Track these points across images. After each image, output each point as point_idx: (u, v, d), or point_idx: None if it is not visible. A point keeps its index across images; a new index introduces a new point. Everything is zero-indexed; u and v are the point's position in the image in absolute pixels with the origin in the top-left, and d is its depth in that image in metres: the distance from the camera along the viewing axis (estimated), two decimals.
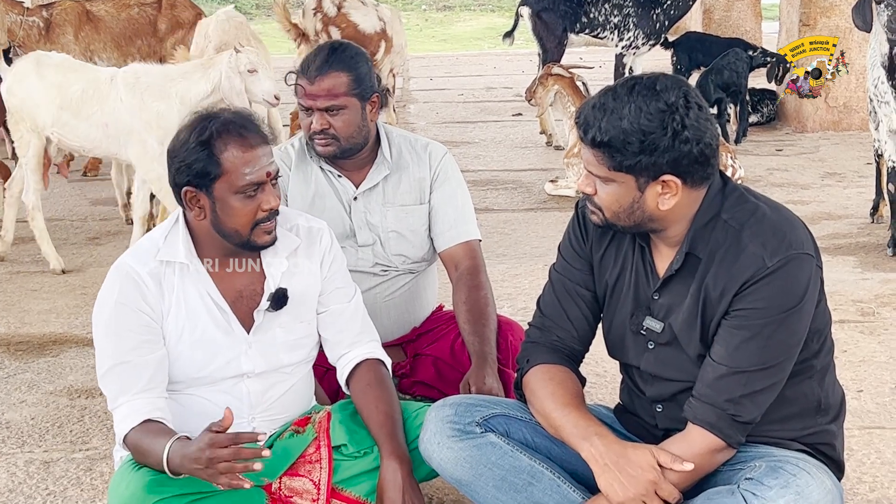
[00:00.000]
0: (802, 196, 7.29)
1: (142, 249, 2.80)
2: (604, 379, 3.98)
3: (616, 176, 2.48)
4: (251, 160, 2.68)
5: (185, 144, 2.70)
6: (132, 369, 2.70)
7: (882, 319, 4.73)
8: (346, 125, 3.31)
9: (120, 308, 2.72)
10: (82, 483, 3.34)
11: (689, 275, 2.54)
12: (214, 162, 2.66)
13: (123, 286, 2.73)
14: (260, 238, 2.75)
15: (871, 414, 3.71)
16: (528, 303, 4.84)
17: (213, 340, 2.78)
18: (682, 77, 2.54)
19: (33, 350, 4.60)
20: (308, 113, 3.32)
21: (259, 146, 2.70)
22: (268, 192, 2.72)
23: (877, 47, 5.62)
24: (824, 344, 2.63)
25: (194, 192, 2.71)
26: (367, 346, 2.98)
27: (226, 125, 2.69)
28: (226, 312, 2.79)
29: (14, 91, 5.66)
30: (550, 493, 2.65)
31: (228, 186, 2.68)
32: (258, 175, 2.68)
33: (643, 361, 2.66)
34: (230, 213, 2.71)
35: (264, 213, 2.72)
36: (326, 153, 3.35)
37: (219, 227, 2.73)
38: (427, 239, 3.52)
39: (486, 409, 2.76)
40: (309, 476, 2.83)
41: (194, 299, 2.77)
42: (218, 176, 2.67)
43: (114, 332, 2.72)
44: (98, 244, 6.43)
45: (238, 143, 2.68)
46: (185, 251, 2.76)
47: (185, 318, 2.76)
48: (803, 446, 2.61)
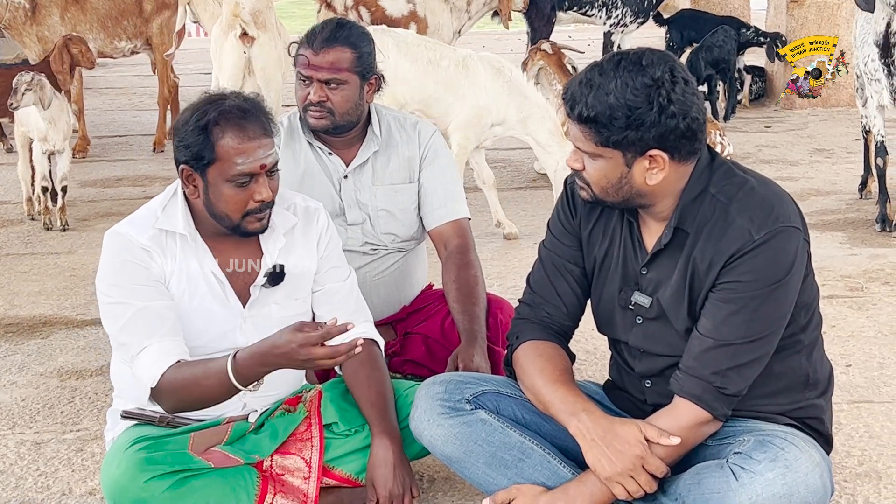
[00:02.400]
0: (791, 172, 7.30)
1: (139, 217, 2.80)
2: (593, 356, 3.99)
3: (603, 151, 2.48)
4: (245, 151, 2.67)
5: (185, 124, 2.70)
6: (154, 314, 2.69)
7: (870, 294, 4.74)
8: (344, 101, 3.31)
9: (129, 265, 2.71)
10: (73, 464, 3.34)
11: (676, 249, 2.55)
12: (209, 147, 2.66)
13: (128, 247, 2.72)
14: (250, 225, 2.75)
15: (859, 388, 3.73)
16: (518, 281, 4.83)
17: (209, 311, 2.78)
18: (669, 52, 2.53)
19: (23, 332, 4.59)
20: (306, 83, 3.31)
21: (257, 138, 2.69)
22: (261, 184, 2.70)
23: (866, 25, 5.62)
24: (812, 318, 2.64)
25: (190, 171, 2.72)
26: (360, 326, 2.98)
27: (226, 113, 2.68)
28: (223, 284, 2.80)
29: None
30: (540, 468, 2.66)
31: (220, 173, 2.68)
32: (251, 166, 2.68)
33: (631, 336, 2.67)
34: (221, 198, 2.71)
35: (255, 204, 2.71)
36: (319, 126, 3.34)
37: (210, 209, 2.74)
38: (416, 218, 3.53)
39: (476, 386, 2.77)
40: (300, 454, 2.84)
41: (193, 269, 2.77)
42: (212, 161, 2.67)
43: (128, 286, 2.70)
44: (87, 226, 6.41)
45: (235, 132, 2.67)
46: (183, 223, 2.77)
47: (185, 286, 2.76)
48: (792, 420, 2.63)
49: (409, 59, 5.57)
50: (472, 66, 5.62)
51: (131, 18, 8.52)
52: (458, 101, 5.62)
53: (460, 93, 5.60)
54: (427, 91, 5.60)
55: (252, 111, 2.71)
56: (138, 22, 8.58)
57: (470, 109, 5.61)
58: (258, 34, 6.53)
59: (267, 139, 2.71)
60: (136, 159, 8.39)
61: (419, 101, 5.61)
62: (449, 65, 5.61)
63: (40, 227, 6.33)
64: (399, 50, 5.55)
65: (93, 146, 8.63)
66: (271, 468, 2.82)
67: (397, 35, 5.71)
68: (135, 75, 12.50)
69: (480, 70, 5.60)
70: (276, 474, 2.82)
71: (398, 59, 5.53)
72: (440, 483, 3.13)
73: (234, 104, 2.71)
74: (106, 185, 7.53)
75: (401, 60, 5.54)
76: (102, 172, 7.90)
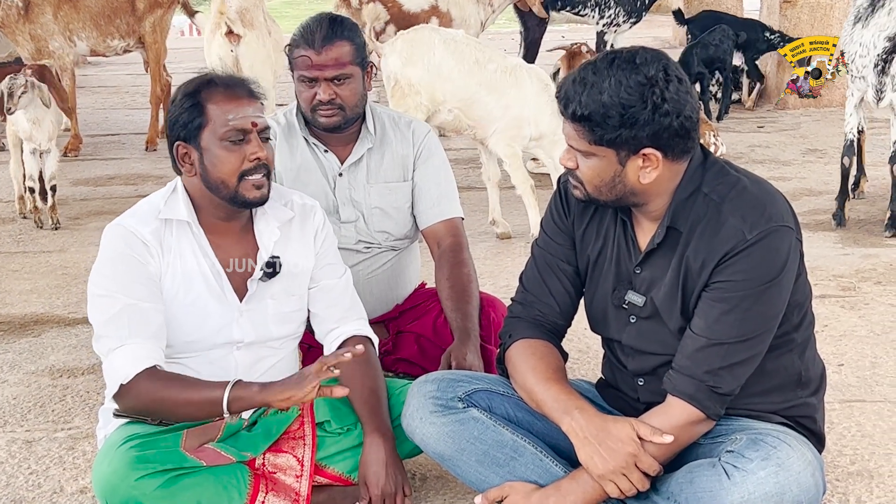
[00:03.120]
0: (784, 172, 7.31)
1: (142, 211, 2.82)
2: (586, 355, 3.99)
3: (597, 150, 2.48)
4: (234, 108, 2.72)
5: (175, 102, 2.77)
6: (143, 314, 2.69)
7: (862, 294, 4.75)
8: (353, 94, 3.32)
9: (128, 259, 2.72)
10: (65, 462, 3.33)
11: (670, 248, 2.55)
12: (199, 111, 2.72)
13: (129, 240, 2.74)
14: (249, 192, 2.75)
15: (851, 387, 3.73)
16: (511, 280, 4.83)
17: (205, 305, 2.79)
18: (663, 51, 2.53)
19: (14, 330, 4.58)
20: (311, 84, 3.31)
21: (245, 97, 2.75)
22: (253, 143, 2.74)
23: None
24: (805, 317, 2.65)
25: (185, 147, 2.75)
26: (354, 324, 2.99)
27: (213, 80, 2.76)
28: (220, 277, 2.81)
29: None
30: (532, 467, 2.66)
31: (213, 134, 2.72)
32: (242, 122, 2.71)
33: (625, 335, 2.67)
34: (216, 162, 2.73)
35: (250, 163, 2.73)
36: (331, 124, 3.34)
37: (207, 179, 2.75)
38: (410, 216, 3.52)
39: (469, 384, 2.77)
40: (293, 452, 2.84)
41: (190, 262, 2.78)
42: (202, 125, 2.72)
43: (122, 280, 2.71)
44: (79, 224, 6.40)
45: (223, 93, 2.73)
46: (186, 210, 2.79)
47: (180, 280, 2.77)
48: (784, 419, 2.63)
49: (454, 58, 5.51)
50: (521, 76, 5.55)
51: (124, 17, 8.52)
52: (499, 108, 5.53)
53: (504, 101, 5.52)
54: (469, 91, 5.52)
55: (238, 79, 2.80)
56: (131, 20, 8.57)
57: (511, 119, 5.54)
58: (245, 32, 6.52)
59: (256, 102, 2.78)
60: (129, 158, 8.38)
61: (459, 100, 5.53)
62: (496, 69, 5.53)
63: (32, 226, 6.32)
64: (446, 47, 5.51)
65: (85, 145, 8.62)
66: (263, 466, 2.82)
67: (446, 33, 5.66)
68: (127, 74, 12.48)
69: (527, 81, 5.53)
70: (268, 472, 2.81)
71: (443, 57, 5.49)
72: (432, 481, 3.13)
73: (219, 74, 2.80)
74: (98, 183, 7.52)
75: (446, 58, 5.50)
76: (95, 171, 7.89)
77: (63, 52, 8.24)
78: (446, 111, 5.56)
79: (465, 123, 5.62)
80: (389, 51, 5.60)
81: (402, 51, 5.54)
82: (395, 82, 5.56)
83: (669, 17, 11.28)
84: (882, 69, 5.56)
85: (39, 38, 8.11)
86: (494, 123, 5.55)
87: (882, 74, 5.55)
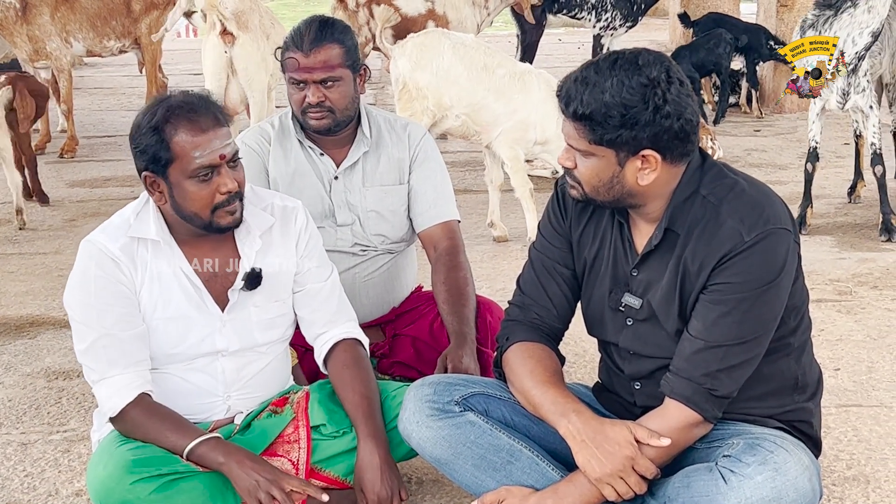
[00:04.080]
0: (780, 176, 7.31)
1: (112, 226, 2.78)
2: (583, 358, 3.99)
3: (596, 150, 2.48)
4: (201, 143, 2.64)
5: (138, 129, 2.69)
6: (118, 343, 2.69)
7: (859, 298, 4.75)
8: (342, 97, 3.31)
9: (98, 281, 2.70)
10: (60, 464, 3.32)
11: (667, 251, 2.55)
12: (165, 147, 2.64)
13: (99, 260, 2.71)
14: (223, 220, 2.72)
15: (848, 392, 3.73)
16: (507, 283, 4.83)
17: (186, 317, 2.77)
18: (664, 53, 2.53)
19: (10, 332, 4.57)
20: (300, 87, 3.30)
21: (211, 129, 2.66)
22: (224, 175, 2.68)
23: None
24: (801, 321, 2.64)
25: (153, 177, 2.69)
26: (344, 326, 2.97)
27: (174, 109, 2.66)
28: (199, 289, 2.78)
29: None
30: (529, 471, 2.65)
31: (181, 171, 2.65)
32: (210, 158, 2.65)
33: (622, 338, 2.66)
34: (186, 197, 2.68)
35: (222, 196, 2.68)
36: (321, 126, 3.33)
37: (179, 211, 2.71)
38: (406, 219, 3.52)
39: (465, 388, 2.76)
40: (287, 456, 2.83)
41: (167, 276, 2.75)
42: (170, 161, 2.65)
43: (94, 307, 2.70)
44: (75, 226, 6.39)
45: (187, 126, 2.64)
46: (155, 228, 2.74)
47: (157, 294, 2.75)
48: (781, 424, 2.63)
49: (463, 63, 5.48)
50: (529, 81, 5.52)
51: (120, 18, 8.52)
52: (506, 113, 5.51)
53: (511, 106, 5.50)
54: (477, 96, 5.50)
55: (200, 104, 2.69)
56: (127, 21, 8.57)
57: (516, 123, 5.52)
58: (239, 34, 6.49)
59: (221, 129, 2.69)
60: (125, 159, 8.33)
61: (466, 105, 5.52)
62: (504, 74, 5.51)
63: (28, 227, 6.31)
64: (455, 52, 5.49)
65: (81, 146, 8.60)
66: None
67: (455, 37, 5.64)
68: (123, 76, 12.45)
69: (535, 87, 5.51)
70: None
71: (452, 61, 5.47)
72: (428, 485, 3.13)
73: (180, 100, 2.69)
74: (94, 185, 7.50)
75: (455, 62, 5.47)
76: (91, 172, 7.87)
77: (60, 52, 8.23)
78: (453, 116, 5.54)
79: (473, 129, 5.61)
80: (399, 53, 5.58)
81: (412, 54, 5.52)
82: (402, 85, 5.55)
83: (666, 21, 11.26)
84: (854, 68, 5.57)
85: (37, 39, 8.10)
86: (500, 127, 5.55)
87: (852, 74, 5.57)
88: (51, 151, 8.45)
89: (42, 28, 8.12)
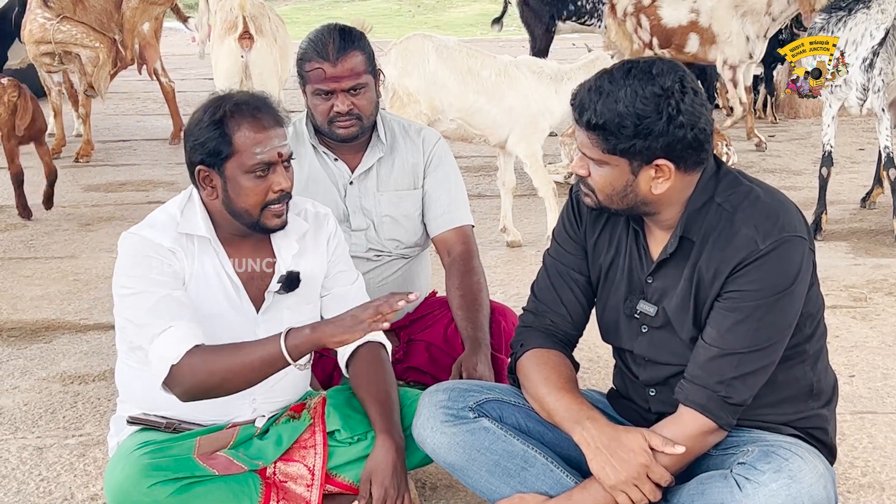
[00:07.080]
0: (795, 182, 7.30)
1: (159, 222, 2.79)
2: (597, 364, 3.99)
3: (610, 159, 2.48)
4: (262, 140, 2.69)
5: (198, 123, 2.73)
6: (178, 302, 2.68)
7: (874, 305, 4.74)
8: (369, 103, 3.33)
9: (151, 260, 2.70)
10: (75, 469, 3.34)
11: (682, 258, 2.55)
12: (226, 141, 2.68)
13: (150, 246, 2.71)
14: (270, 221, 2.75)
15: (863, 399, 3.72)
16: (521, 289, 4.84)
17: (222, 315, 2.78)
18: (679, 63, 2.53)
19: (26, 336, 4.59)
20: (327, 97, 3.31)
21: (272, 128, 2.72)
22: (279, 174, 2.73)
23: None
24: (817, 328, 2.64)
25: (207, 171, 2.73)
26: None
27: (239, 105, 2.71)
28: (238, 289, 2.81)
29: None
30: (543, 477, 2.65)
31: (239, 166, 2.70)
32: (269, 155, 2.70)
33: (636, 345, 2.67)
34: (241, 192, 2.71)
35: (275, 194, 2.73)
36: (349, 135, 3.34)
37: (230, 206, 2.74)
38: (420, 224, 3.52)
39: (480, 394, 2.76)
40: (303, 461, 2.84)
41: (210, 274, 2.78)
42: (229, 155, 2.69)
43: (149, 278, 2.68)
44: (90, 230, 6.41)
45: (250, 123, 2.70)
46: (204, 225, 2.78)
47: (201, 289, 2.76)
48: (796, 431, 2.62)
49: (448, 66, 5.47)
50: (513, 73, 5.51)
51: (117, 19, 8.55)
52: (503, 113, 5.50)
53: (505, 104, 5.49)
54: (468, 101, 5.49)
55: (263, 103, 2.76)
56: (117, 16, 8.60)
57: (523, 121, 5.50)
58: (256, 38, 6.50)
59: (280, 129, 2.75)
60: (140, 164, 8.39)
61: (459, 109, 5.50)
62: (490, 74, 5.50)
63: (44, 231, 6.34)
64: (439, 55, 5.48)
65: (97, 151, 8.64)
66: (274, 475, 2.82)
67: (438, 40, 5.62)
68: (139, 80, 12.46)
69: (521, 77, 5.49)
70: (279, 481, 2.81)
71: (437, 65, 5.47)
72: (443, 490, 3.13)
73: (244, 98, 2.75)
74: (110, 189, 7.53)
75: (440, 66, 5.47)
76: (106, 177, 7.90)
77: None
78: (448, 120, 5.53)
79: (471, 132, 5.60)
80: (384, 61, 5.52)
81: (397, 61, 5.50)
82: (392, 93, 5.54)
83: None
84: (870, 63, 5.56)
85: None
86: (505, 128, 5.54)
87: (870, 69, 5.56)
88: (66, 156, 8.48)
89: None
